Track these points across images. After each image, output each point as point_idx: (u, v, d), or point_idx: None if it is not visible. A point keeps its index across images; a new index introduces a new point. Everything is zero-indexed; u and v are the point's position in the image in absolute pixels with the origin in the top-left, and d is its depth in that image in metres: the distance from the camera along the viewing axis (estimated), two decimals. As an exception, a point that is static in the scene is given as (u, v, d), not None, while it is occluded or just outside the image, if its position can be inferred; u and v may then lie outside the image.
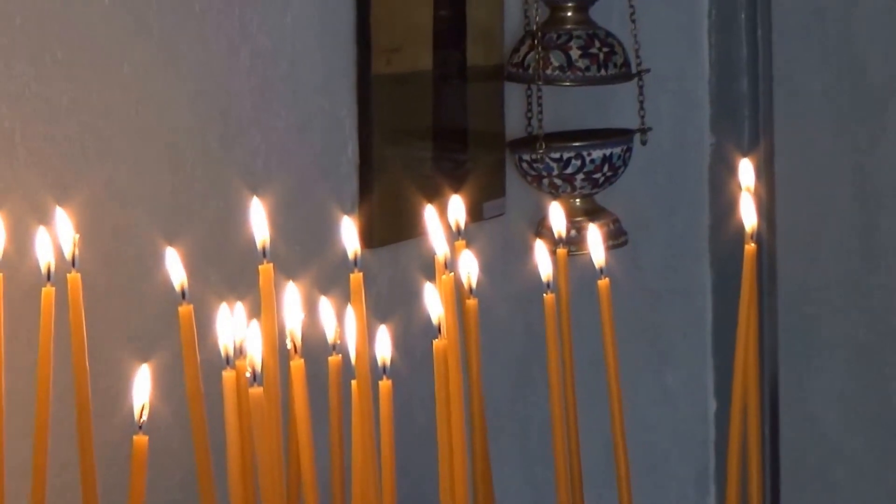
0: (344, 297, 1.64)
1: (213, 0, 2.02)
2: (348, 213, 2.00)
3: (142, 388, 1.53)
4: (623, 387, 1.88)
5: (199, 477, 1.58)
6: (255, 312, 1.60)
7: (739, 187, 1.92)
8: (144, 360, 1.56)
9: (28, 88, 1.80)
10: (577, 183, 2.52)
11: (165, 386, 1.58)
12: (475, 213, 2.26)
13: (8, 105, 1.77)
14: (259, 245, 1.65)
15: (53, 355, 1.55)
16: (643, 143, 2.59)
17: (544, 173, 2.50)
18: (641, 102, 2.61)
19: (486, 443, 1.85)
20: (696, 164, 2.94)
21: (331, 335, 1.63)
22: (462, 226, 1.83)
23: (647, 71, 2.60)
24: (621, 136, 2.56)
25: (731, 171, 1.97)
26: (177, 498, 1.86)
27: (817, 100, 3.27)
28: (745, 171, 1.93)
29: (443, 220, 1.81)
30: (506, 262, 2.33)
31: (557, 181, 2.50)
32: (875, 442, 3.48)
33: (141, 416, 1.52)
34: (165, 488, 1.86)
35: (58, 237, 1.59)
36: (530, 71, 2.49)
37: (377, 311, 1.74)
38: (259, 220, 1.68)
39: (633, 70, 2.57)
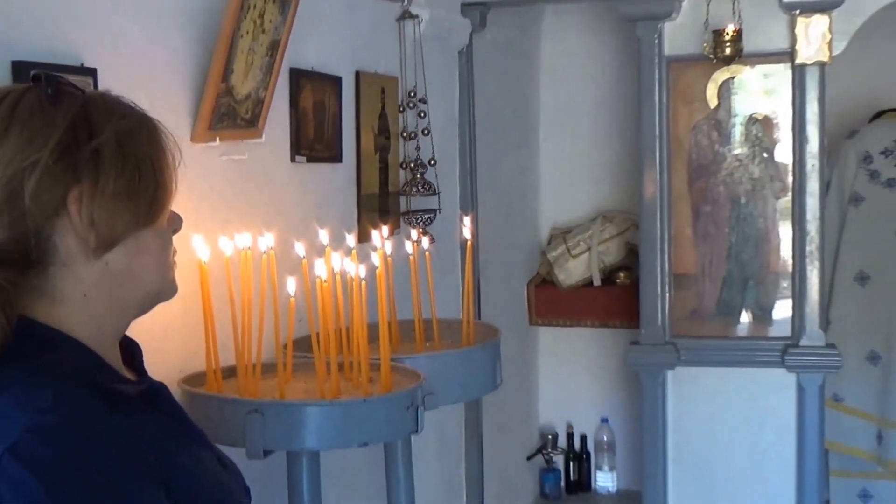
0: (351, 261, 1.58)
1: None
2: (352, 231, 1.89)
3: (291, 285, 1.45)
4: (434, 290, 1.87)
5: (309, 321, 1.54)
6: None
7: (464, 225, 1.93)
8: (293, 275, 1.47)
9: (285, 190, 1.82)
10: (421, 225, 2.53)
11: (299, 284, 1.49)
12: (390, 233, 1.94)
13: (273, 190, 1.80)
14: (325, 242, 1.61)
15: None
16: (439, 212, 2.61)
17: (412, 221, 2.52)
18: (439, 199, 2.59)
19: (395, 317, 1.83)
20: (455, 216, 2.96)
21: (350, 273, 1.56)
22: (386, 235, 1.78)
23: (440, 192, 2.59)
24: (432, 211, 2.56)
25: (464, 219, 1.98)
26: (299, 326, 1.79)
27: (494, 192, 3.28)
28: (466, 221, 1.94)
29: (380, 233, 1.75)
30: (398, 248, 2.06)
31: (415, 223, 2.52)
32: (516, 331, 3.48)
33: (291, 295, 1.45)
34: (298, 323, 1.79)
35: (266, 242, 1.52)
36: (405, 191, 2.50)
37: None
38: (324, 235, 1.64)
39: (437, 191, 2.56)
